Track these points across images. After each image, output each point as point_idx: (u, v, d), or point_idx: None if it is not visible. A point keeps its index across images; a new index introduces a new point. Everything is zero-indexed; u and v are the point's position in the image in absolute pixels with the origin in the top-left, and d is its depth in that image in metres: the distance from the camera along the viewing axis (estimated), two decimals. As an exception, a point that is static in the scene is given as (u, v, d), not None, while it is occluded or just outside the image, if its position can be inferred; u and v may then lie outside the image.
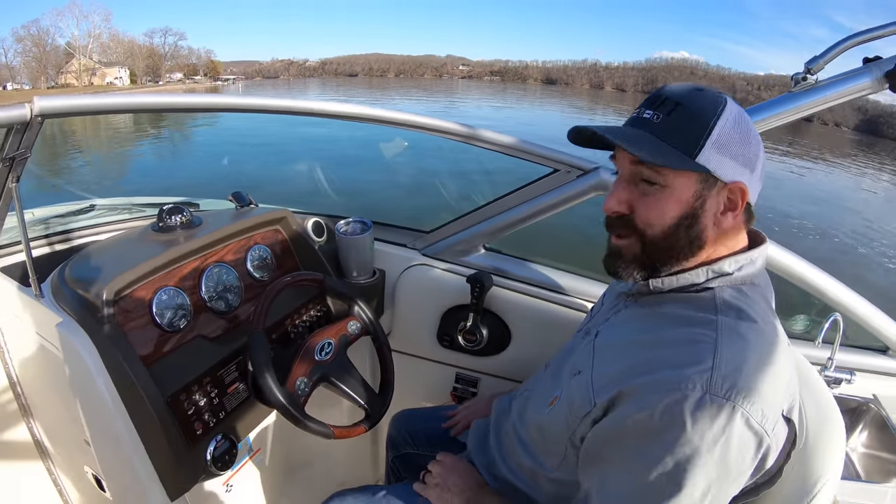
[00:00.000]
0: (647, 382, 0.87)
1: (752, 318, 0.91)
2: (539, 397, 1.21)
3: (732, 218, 0.96)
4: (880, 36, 1.29)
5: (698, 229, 0.95)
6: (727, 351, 0.85)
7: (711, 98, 0.94)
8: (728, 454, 0.81)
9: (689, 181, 0.93)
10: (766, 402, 0.82)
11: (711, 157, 0.91)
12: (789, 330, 1.99)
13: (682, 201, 0.94)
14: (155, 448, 1.29)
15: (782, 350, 0.90)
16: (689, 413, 0.81)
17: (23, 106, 1.23)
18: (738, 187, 0.93)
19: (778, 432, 0.86)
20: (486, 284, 1.87)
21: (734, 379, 0.82)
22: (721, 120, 0.92)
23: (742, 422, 0.80)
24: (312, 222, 2.02)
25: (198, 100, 1.62)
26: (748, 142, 0.94)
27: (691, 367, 0.84)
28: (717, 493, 0.83)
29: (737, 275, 0.97)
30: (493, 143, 1.74)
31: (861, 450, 1.88)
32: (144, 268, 1.43)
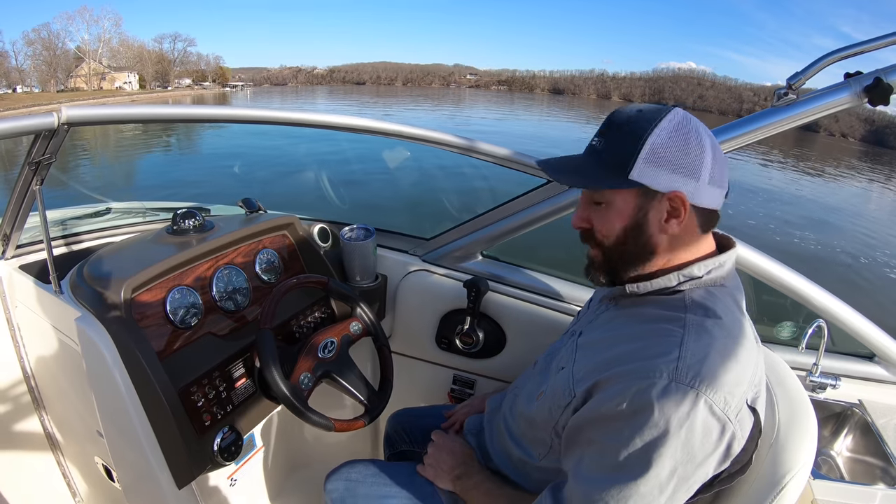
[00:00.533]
0: (620, 372, 0.95)
1: (717, 315, 0.97)
2: (527, 393, 1.28)
3: (677, 225, 1.01)
4: (863, 51, 1.34)
5: (645, 238, 1.04)
6: (693, 344, 0.92)
7: (648, 116, 1.01)
8: (692, 437, 0.87)
9: (629, 196, 1.03)
10: (728, 390, 0.89)
11: (644, 172, 0.99)
12: (775, 336, 2.05)
13: (624, 215, 1.04)
14: (165, 437, 1.36)
15: (746, 345, 0.96)
16: (657, 398, 0.88)
17: (51, 114, 1.30)
18: (675, 196, 0.99)
19: (742, 420, 0.92)
20: (482, 289, 1.93)
21: (698, 368, 0.89)
22: (653, 135, 0.98)
23: (705, 408, 0.87)
24: (318, 228, 2.08)
25: (214, 111, 1.70)
26: (687, 151, 0.98)
27: (659, 357, 0.91)
28: (684, 474, 0.89)
29: (706, 277, 1.03)
30: (491, 154, 1.82)
31: (846, 453, 1.91)
32: (159, 268, 1.50)
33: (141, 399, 1.34)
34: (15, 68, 69.84)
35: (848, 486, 1.61)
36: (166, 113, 1.64)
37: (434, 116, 47.46)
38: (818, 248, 11.06)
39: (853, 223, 15.91)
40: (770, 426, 1.09)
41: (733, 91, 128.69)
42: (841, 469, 1.90)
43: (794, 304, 1.80)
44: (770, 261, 1.71)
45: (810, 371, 1.82)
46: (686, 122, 1.00)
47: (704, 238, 1.07)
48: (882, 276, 9.92)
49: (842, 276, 9.21)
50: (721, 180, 1.02)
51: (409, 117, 42.75)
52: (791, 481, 1.01)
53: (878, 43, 1.32)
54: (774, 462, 1.04)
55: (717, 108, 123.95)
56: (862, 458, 1.88)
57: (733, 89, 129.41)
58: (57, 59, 72.68)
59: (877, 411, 1.83)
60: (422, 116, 45.46)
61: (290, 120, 1.76)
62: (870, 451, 1.83)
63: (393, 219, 7.55)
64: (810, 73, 1.40)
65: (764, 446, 1.07)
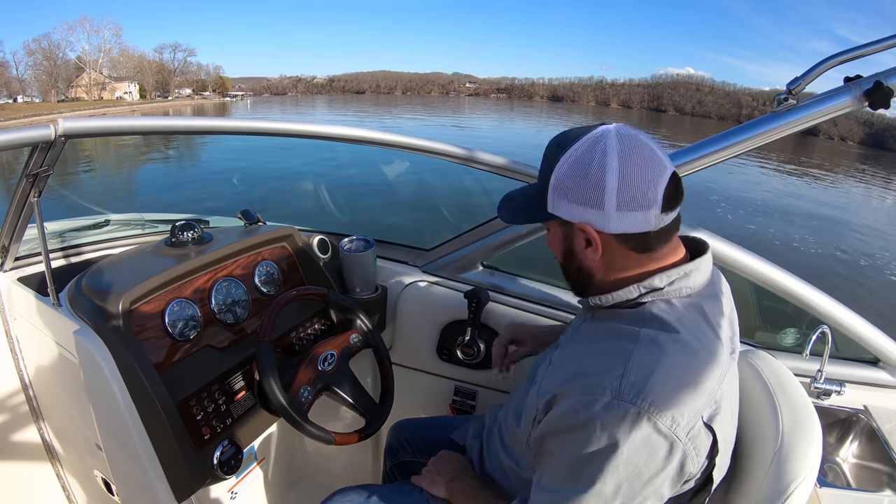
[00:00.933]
0: (572, 387, 0.96)
1: (674, 329, 0.95)
2: (516, 406, 1.29)
3: (595, 253, 1.01)
4: (862, 55, 1.34)
5: (578, 263, 1.07)
6: (639, 359, 0.91)
7: (563, 143, 1.01)
8: (635, 456, 0.86)
9: (556, 226, 1.07)
10: (676, 409, 0.87)
11: (557, 204, 1.02)
12: (779, 343, 2.04)
13: (558, 242, 1.09)
14: (165, 451, 1.35)
15: (705, 359, 0.94)
16: (598, 415, 0.88)
17: (48, 126, 1.29)
18: (581, 227, 0.99)
19: (696, 438, 0.90)
20: (483, 300, 1.92)
21: (641, 385, 0.87)
22: (557, 167, 1.00)
23: (649, 426, 0.85)
24: (318, 240, 2.08)
25: (213, 123, 1.70)
26: (585, 181, 0.96)
27: (606, 374, 0.91)
28: (630, 491, 0.88)
29: (668, 289, 1.01)
30: (490, 164, 1.82)
31: (852, 460, 1.89)
32: (158, 280, 1.49)
33: (139, 412, 1.34)
34: (16, 78, 69.96)
35: (854, 494, 1.60)
36: (164, 125, 1.64)
37: (436, 128, 47.59)
38: (817, 252, 11.08)
39: (855, 226, 15.95)
40: (774, 434, 1.08)
41: (732, 96, 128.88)
42: (847, 476, 1.88)
43: (796, 309, 1.78)
44: (772, 267, 1.70)
45: (815, 378, 1.81)
46: (592, 148, 0.97)
47: (664, 251, 1.03)
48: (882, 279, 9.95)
49: (844, 278, 9.24)
50: (638, 202, 0.95)
51: (409, 127, 42.92)
52: (797, 490, 0.99)
53: (878, 46, 1.32)
54: (779, 471, 1.02)
55: (716, 114, 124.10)
56: (868, 464, 1.86)
57: (732, 94, 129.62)
58: (57, 69, 72.77)
59: (882, 417, 1.81)
60: (423, 129, 45.54)
61: (290, 131, 1.75)
62: (876, 457, 1.81)
63: (392, 230, 7.57)
64: (810, 77, 1.41)
65: (768, 455, 1.06)
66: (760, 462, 1.07)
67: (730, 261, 1.69)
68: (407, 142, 1.85)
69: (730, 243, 1.68)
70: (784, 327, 2.05)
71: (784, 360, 1.34)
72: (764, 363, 1.28)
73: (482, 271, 2.07)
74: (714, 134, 1.58)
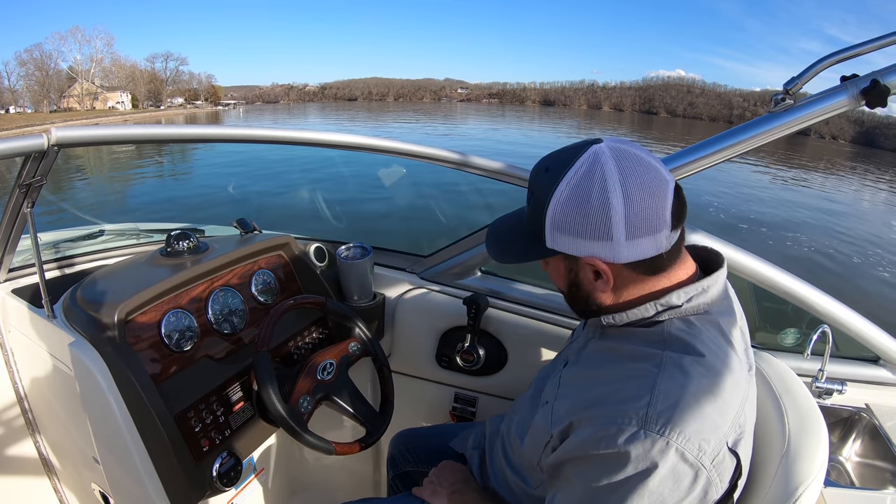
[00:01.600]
0: (593, 415, 0.92)
1: (698, 352, 0.92)
2: (519, 421, 1.27)
3: (606, 284, 0.99)
4: (858, 54, 1.34)
5: (584, 293, 1.04)
6: (665, 386, 0.88)
7: (552, 174, 0.96)
8: (661, 486, 0.84)
9: (557, 260, 1.03)
10: (703, 437, 0.85)
11: (557, 240, 0.96)
12: (779, 343, 2.03)
13: (561, 275, 1.05)
14: (163, 464, 1.33)
15: (730, 382, 0.91)
16: (624, 446, 0.85)
17: (40, 136, 1.28)
18: (590, 262, 0.96)
19: (721, 465, 0.88)
20: (482, 306, 1.90)
21: (669, 415, 0.85)
22: (553, 201, 0.94)
23: (677, 456, 0.83)
24: (314, 248, 2.06)
25: (207, 131, 1.68)
26: (587, 216, 0.92)
27: (630, 402, 0.88)
28: None
29: (686, 306, 0.98)
30: (486, 169, 1.81)
31: (855, 458, 1.90)
32: (154, 291, 1.48)
33: (137, 425, 1.32)
34: (7, 89, 69.79)
35: (859, 493, 1.60)
36: (158, 133, 1.63)
37: (430, 134, 47.69)
38: (811, 250, 11.12)
39: (847, 224, 16.02)
40: (780, 437, 1.08)
41: (723, 97, 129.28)
42: (851, 475, 1.88)
43: (795, 309, 1.78)
44: (771, 267, 1.69)
45: (816, 377, 1.80)
46: (588, 177, 0.92)
47: (675, 267, 1.01)
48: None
49: (837, 275, 9.28)
50: (648, 227, 0.92)
51: (402, 134, 42.96)
52: (805, 492, 0.99)
53: (874, 45, 1.33)
54: (787, 473, 1.02)
55: (708, 115, 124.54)
56: (871, 462, 1.86)
57: (723, 95, 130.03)
58: (49, 80, 72.59)
59: (884, 414, 1.81)
60: (416, 136, 45.61)
61: (284, 138, 1.75)
62: (879, 454, 1.82)
63: (389, 237, 7.57)
64: (806, 77, 1.41)
65: (775, 457, 1.06)
66: (768, 465, 1.06)
67: (729, 262, 1.68)
68: (402, 147, 1.84)
69: (728, 244, 1.67)
70: (784, 327, 2.05)
71: (785, 361, 1.33)
72: (767, 365, 1.27)
73: (481, 277, 2.06)
74: (706, 135, 1.58)
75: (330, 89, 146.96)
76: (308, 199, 8.20)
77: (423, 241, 5.99)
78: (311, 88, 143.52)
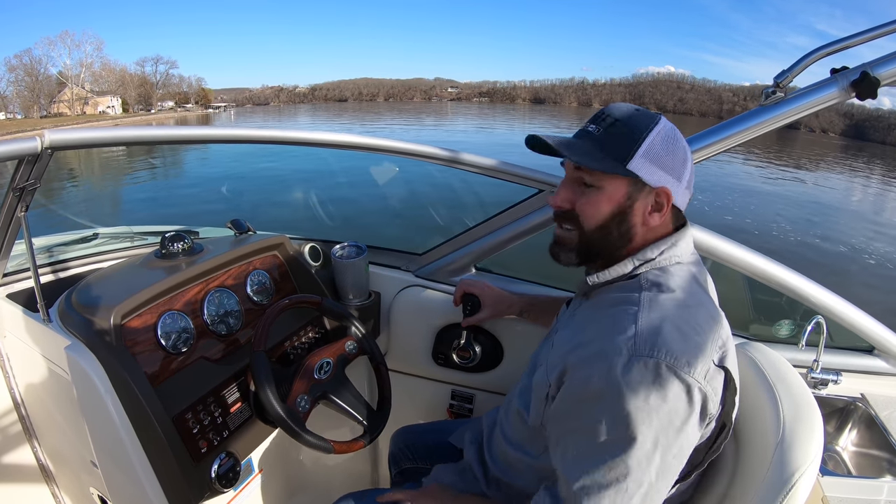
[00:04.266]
0: (584, 356, 1.01)
1: (671, 289, 1.04)
2: (520, 393, 1.31)
3: (659, 218, 1.11)
4: (847, 47, 1.36)
5: (628, 225, 1.11)
6: (647, 318, 0.98)
7: (646, 117, 1.10)
8: (664, 404, 0.92)
9: (621, 184, 1.09)
10: (689, 353, 0.94)
11: (641, 165, 1.07)
12: (774, 335, 2.04)
13: (613, 201, 1.10)
14: (161, 466, 1.33)
15: (703, 312, 1.04)
16: (622, 375, 0.93)
17: (34, 139, 1.28)
18: (663, 191, 1.08)
19: (712, 380, 0.96)
20: (477, 303, 1.90)
21: (654, 339, 0.94)
22: (651, 134, 1.07)
23: (670, 373, 0.92)
24: (309, 247, 2.06)
25: (199, 132, 1.68)
26: (674, 155, 1.09)
27: (618, 335, 0.97)
28: (667, 442, 0.93)
29: (659, 258, 1.11)
30: (478, 165, 1.82)
31: (851, 448, 1.90)
32: (149, 293, 1.48)
33: (134, 427, 1.32)
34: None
35: (856, 481, 1.61)
36: (151, 135, 1.62)
37: (423, 132, 47.61)
38: (796, 240, 11.19)
39: (833, 213, 16.13)
40: (775, 425, 1.08)
41: (713, 93, 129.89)
42: (847, 464, 1.89)
43: (790, 301, 1.80)
44: (764, 259, 1.71)
45: (811, 368, 1.81)
46: (675, 131, 1.10)
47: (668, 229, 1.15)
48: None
49: (822, 265, 9.34)
50: (692, 185, 1.14)
51: (394, 134, 42.90)
52: (801, 479, 1.00)
53: (863, 38, 1.34)
54: (782, 461, 1.03)
55: (698, 111, 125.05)
56: (868, 451, 1.87)
57: (713, 91, 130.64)
58: (39, 85, 72.32)
59: (879, 404, 1.82)
60: (408, 134, 45.50)
61: (275, 138, 1.75)
62: (875, 443, 1.83)
63: (384, 235, 7.57)
64: (797, 70, 1.43)
65: (770, 445, 1.06)
66: (763, 453, 1.07)
67: (722, 254, 1.70)
68: (394, 146, 1.84)
69: (722, 237, 1.69)
70: (778, 319, 2.06)
71: (780, 352, 1.34)
72: (761, 355, 1.28)
73: (476, 274, 2.06)
74: (696, 130, 1.59)
75: (320, 90, 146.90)
76: (302, 199, 8.20)
77: (417, 239, 5.98)
78: (302, 90, 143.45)
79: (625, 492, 0.93)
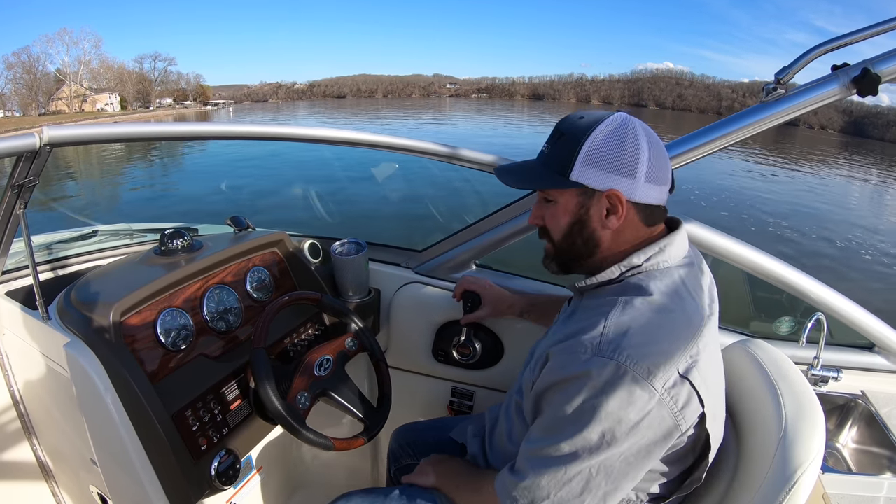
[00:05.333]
0: (559, 349, 1.06)
1: (648, 292, 1.05)
2: (516, 389, 1.33)
3: (617, 220, 1.10)
4: (847, 43, 1.36)
5: (588, 232, 1.14)
6: (616, 319, 1.01)
7: (588, 121, 1.10)
8: (617, 405, 0.94)
9: (571, 195, 1.13)
10: (651, 360, 0.95)
11: (582, 173, 1.08)
12: (775, 332, 2.05)
13: (569, 212, 1.14)
14: (161, 464, 1.33)
15: (678, 316, 1.04)
16: (580, 371, 0.98)
17: (32, 135, 1.28)
18: (612, 194, 1.08)
19: (672, 388, 0.96)
20: (477, 300, 1.89)
21: (618, 341, 0.97)
22: (590, 138, 1.07)
23: (627, 377, 0.94)
24: (308, 244, 2.06)
25: (199, 128, 1.68)
26: (622, 151, 1.06)
27: (587, 333, 1.01)
28: (614, 441, 0.96)
29: (646, 265, 1.11)
30: (478, 161, 1.82)
31: (852, 445, 1.91)
32: (148, 290, 1.47)
33: (134, 425, 1.32)
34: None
35: (856, 478, 1.61)
36: (149, 131, 1.62)
37: (421, 129, 47.59)
38: (793, 237, 11.21)
39: (830, 210, 16.15)
40: (777, 422, 1.08)
41: (711, 89, 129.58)
42: (848, 461, 1.89)
43: (790, 298, 1.81)
44: (764, 256, 1.71)
45: (812, 365, 1.81)
46: (624, 125, 1.08)
47: (652, 228, 1.15)
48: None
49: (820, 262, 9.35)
50: (660, 177, 1.10)
51: (392, 131, 42.84)
52: (803, 476, 1.00)
53: (864, 34, 1.34)
54: (784, 458, 1.03)
55: (697, 107, 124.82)
56: (868, 448, 1.88)
57: (711, 87, 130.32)
58: (38, 83, 72.08)
59: (880, 401, 1.83)
60: (407, 131, 45.49)
61: (275, 134, 1.75)
62: (875, 440, 1.83)
63: (384, 231, 7.56)
64: (798, 66, 1.42)
65: (772, 442, 1.06)
66: (765, 450, 1.07)
67: (722, 251, 1.69)
68: (394, 142, 1.85)
69: (722, 233, 1.68)
70: (779, 316, 2.06)
71: (781, 349, 1.34)
72: (762, 352, 1.28)
73: (475, 271, 2.05)
74: (696, 127, 1.59)
75: (319, 87, 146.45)
76: (302, 196, 8.20)
77: (417, 235, 5.98)
78: (300, 86, 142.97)
79: (563, 473, 1.00)
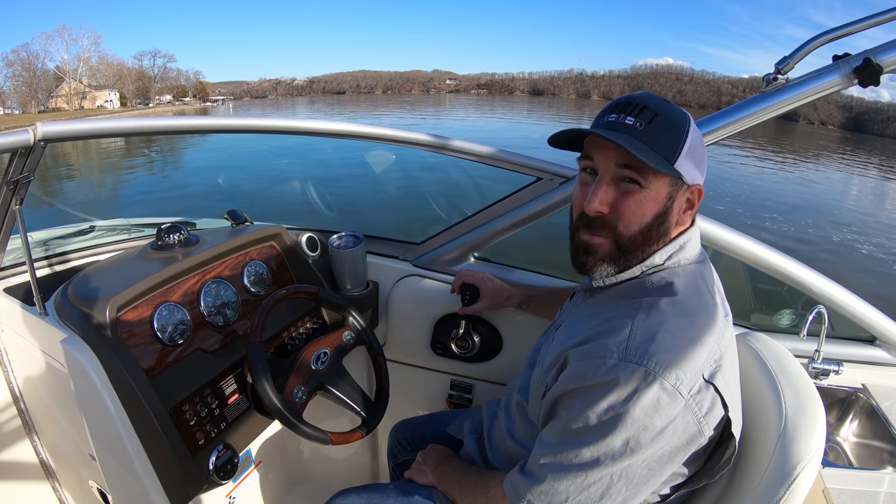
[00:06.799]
0: (580, 350, 1.02)
1: (673, 293, 1.03)
2: (520, 388, 1.31)
3: (691, 215, 1.11)
4: (849, 33, 1.35)
5: (667, 226, 1.08)
6: (643, 323, 0.98)
7: (681, 111, 1.08)
8: (642, 411, 0.92)
9: (665, 183, 1.05)
10: (679, 367, 0.93)
11: (684, 164, 1.04)
12: (775, 325, 2.04)
13: (658, 201, 1.06)
14: (159, 458, 1.33)
15: (703, 320, 1.01)
16: (606, 377, 0.94)
17: (26, 131, 1.27)
18: (697, 189, 1.09)
19: (697, 394, 0.95)
20: (475, 292, 1.89)
21: (646, 346, 0.94)
22: (691, 130, 1.05)
23: (656, 384, 0.91)
24: (306, 237, 2.05)
25: (195, 122, 1.68)
26: (703, 150, 1.09)
27: (612, 337, 0.98)
28: (638, 448, 0.93)
29: (667, 264, 1.10)
30: (477, 154, 1.81)
31: (852, 439, 1.91)
32: (145, 284, 1.47)
33: (132, 420, 1.31)
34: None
35: (857, 473, 1.60)
36: (145, 126, 1.61)
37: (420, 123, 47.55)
38: (789, 230, 11.22)
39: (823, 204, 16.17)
40: (777, 416, 1.07)
41: (711, 84, 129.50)
42: (848, 455, 1.89)
43: (791, 290, 1.80)
44: (765, 248, 1.70)
45: (812, 358, 1.81)
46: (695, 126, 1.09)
47: None
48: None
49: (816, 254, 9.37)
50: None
51: (392, 124, 42.76)
52: (803, 471, 0.99)
53: (865, 24, 1.33)
54: (784, 452, 1.02)
55: (697, 103, 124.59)
56: (869, 442, 1.87)
57: (711, 83, 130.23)
58: (37, 80, 72.00)
59: (881, 394, 1.82)
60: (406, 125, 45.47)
61: (272, 128, 1.74)
62: (876, 434, 1.83)
63: (382, 224, 7.55)
64: (799, 56, 1.42)
65: (772, 436, 1.05)
66: (765, 444, 1.06)
67: (723, 243, 1.69)
68: (391, 134, 1.84)
69: (723, 226, 1.68)
70: (780, 309, 2.06)
71: (781, 342, 1.33)
72: (762, 345, 1.27)
73: (474, 263, 2.05)
74: (707, 115, 1.58)
75: (318, 83, 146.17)
76: (299, 189, 8.17)
77: (415, 228, 5.97)
78: (300, 82, 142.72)
79: (584, 479, 0.97)
